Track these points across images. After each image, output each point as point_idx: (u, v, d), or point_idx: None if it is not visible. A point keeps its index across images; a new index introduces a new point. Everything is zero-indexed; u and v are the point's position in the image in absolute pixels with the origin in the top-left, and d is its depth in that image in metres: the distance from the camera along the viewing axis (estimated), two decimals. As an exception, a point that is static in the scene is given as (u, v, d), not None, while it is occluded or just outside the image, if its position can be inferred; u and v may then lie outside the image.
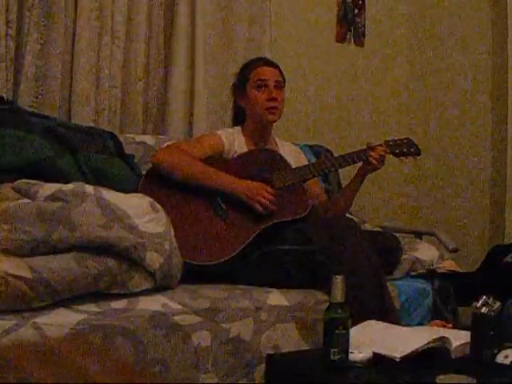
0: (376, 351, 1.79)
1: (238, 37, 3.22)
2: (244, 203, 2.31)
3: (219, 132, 2.54)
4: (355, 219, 2.72)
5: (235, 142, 2.52)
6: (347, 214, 2.71)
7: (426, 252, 2.63)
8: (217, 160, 2.46)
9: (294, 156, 2.64)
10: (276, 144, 2.65)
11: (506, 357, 1.79)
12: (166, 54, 3.06)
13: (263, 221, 2.30)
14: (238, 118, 2.63)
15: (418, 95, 4.00)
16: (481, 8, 3.71)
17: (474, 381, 1.63)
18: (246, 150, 2.52)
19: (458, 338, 1.88)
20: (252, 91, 2.50)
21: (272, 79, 2.50)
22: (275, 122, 2.57)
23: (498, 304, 1.85)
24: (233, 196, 2.31)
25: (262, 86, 2.49)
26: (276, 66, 2.56)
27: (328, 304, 1.78)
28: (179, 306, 1.87)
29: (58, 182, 2.05)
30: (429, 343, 1.80)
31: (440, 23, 3.94)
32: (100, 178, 2.38)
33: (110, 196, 1.92)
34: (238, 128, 2.59)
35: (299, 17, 3.56)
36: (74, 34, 2.75)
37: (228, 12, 3.20)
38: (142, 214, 1.93)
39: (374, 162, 2.44)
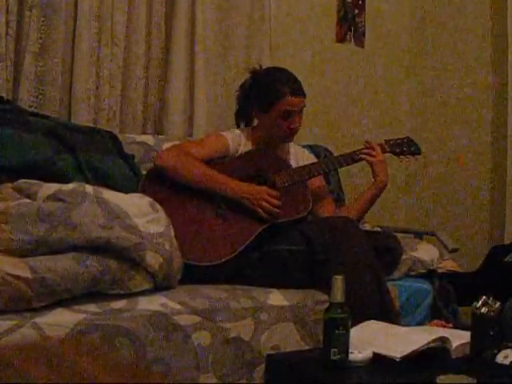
0: (376, 351, 1.79)
1: (238, 37, 3.22)
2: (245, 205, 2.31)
3: (225, 133, 2.52)
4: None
5: (241, 144, 2.50)
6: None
7: (426, 252, 2.63)
8: (216, 161, 2.45)
9: (302, 159, 2.60)
10: (287, 148, 2.62)
11: (506, 357, 1.79)
12: (166, 53, 3.06)
13: (263, 221, 2.29)
14: (243, 118, 2.61)
15: (418, 95, 4.00)
16: (481, 5, 3.71)
17: (474, 381, 1.63)
18: None
19: (458, 338, 1.88)
20: (277, 119, 2.43)
21: (298, 108, 2.44)
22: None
23: (497, 304, 1.85)
24: (235, 200, 2.31)
25: (288, 116, 2.43)
26: (305, 96, 2.47)
27: (328, 304, 1.79)
28: (179, 306, 1.87)
29: (58, 182, 2.05)
30: (429, 343, 1.80)
31: (440, 23, 3.94)
32: (100, 178, 2.38)
33: (110, 196, 1.92)
34: (246, 130, 2.57)
35: (299, 17, 3.56)
36: (73, 34, 2.75)
37: (228, 12, 3.19)
38: (142, 214, 1.93)
39: (366, 157, 2.47)
